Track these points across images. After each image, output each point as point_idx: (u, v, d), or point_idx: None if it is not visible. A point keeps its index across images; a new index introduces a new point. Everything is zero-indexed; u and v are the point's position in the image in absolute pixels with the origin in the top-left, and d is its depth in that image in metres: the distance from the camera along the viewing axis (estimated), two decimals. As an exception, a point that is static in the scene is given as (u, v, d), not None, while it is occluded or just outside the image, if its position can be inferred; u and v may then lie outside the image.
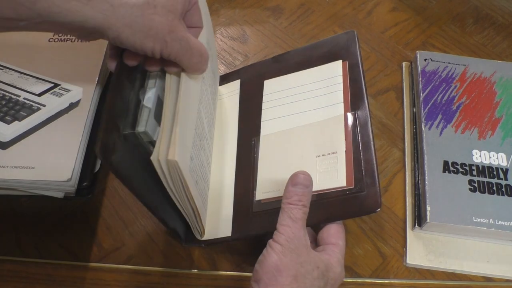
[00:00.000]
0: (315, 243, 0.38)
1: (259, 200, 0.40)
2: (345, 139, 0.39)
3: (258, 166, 0.42)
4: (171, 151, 0.31)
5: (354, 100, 0.41)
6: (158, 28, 0.30)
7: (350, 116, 0.40)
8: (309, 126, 0.42)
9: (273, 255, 0.32)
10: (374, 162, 0.37)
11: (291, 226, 0.33)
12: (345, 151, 0.39)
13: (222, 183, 0.43)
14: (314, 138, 0.41)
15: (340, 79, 0.43)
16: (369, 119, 0.39)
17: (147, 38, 0.30)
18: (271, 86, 0.47)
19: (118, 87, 0.33)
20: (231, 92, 0.49)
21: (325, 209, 0.37)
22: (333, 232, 0.36)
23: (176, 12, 0.31)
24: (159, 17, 0.29)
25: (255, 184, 0.41)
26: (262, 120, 0.45)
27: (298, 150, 0.41)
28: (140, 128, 0.33)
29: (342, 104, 0.41)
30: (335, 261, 0.35)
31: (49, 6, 0.27)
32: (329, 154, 0.39)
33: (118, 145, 0.31)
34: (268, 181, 0.40)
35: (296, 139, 0.42)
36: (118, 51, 0.34)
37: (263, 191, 0.40)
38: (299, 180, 0.34)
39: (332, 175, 0.38)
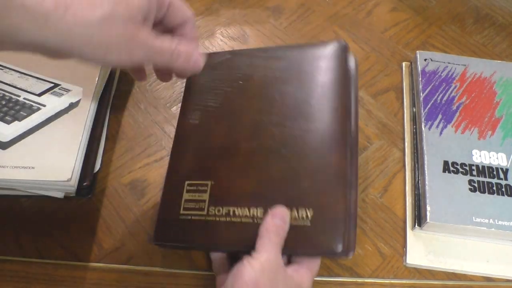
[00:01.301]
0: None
1: None
2: None
3: None
4: None
5: None
6: (116, 41, 0.29)
7: None
8: None
9: (251, 271, 0.32)
10: None
11: (269, 249, 0.34)
12: None
13: None
14: None
15: None
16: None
17: (109, 52, 0.29)
18: None
19: None
20: None
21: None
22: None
23: (136, 20, 0.30)
24: (116, 29, 0.29)
25: None
26: None
27: None
28: None
29: None
30: (307, 284, 0.36)
31: (7, 26, 0.26)
32: None
33: None
34: None
35: None
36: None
37: None
38: (278, 212, 0.36)
39: None
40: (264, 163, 0.39)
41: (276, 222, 0.35)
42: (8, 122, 0.44)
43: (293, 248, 0.36)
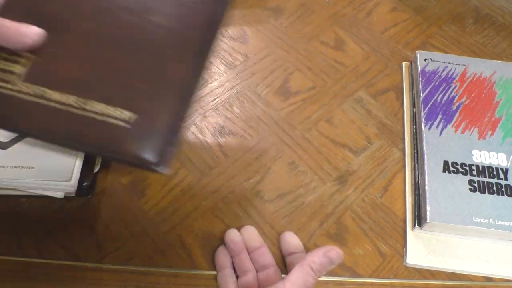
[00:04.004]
0: None
1: None
2: None
3: None
4: None
5: None
6: None
7: None
8: None
9: None
10: None
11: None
12: None
13: None
14: None
15: None
16: None
17: None
18: None
19: None
20: None
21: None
22: None
23: None
24: None
25: None
26: None
27: None
28: None
29: None
30: None
31: None
32: None
33: None
34: None
35: None
36: None
37: None
38: (333, 256, 0.36)
39: None
40: (101, 51, 0.35)
41: (323, 262, 0.35)
42: (8, 122, 0.44)
43: (103, 149, 0.33)
